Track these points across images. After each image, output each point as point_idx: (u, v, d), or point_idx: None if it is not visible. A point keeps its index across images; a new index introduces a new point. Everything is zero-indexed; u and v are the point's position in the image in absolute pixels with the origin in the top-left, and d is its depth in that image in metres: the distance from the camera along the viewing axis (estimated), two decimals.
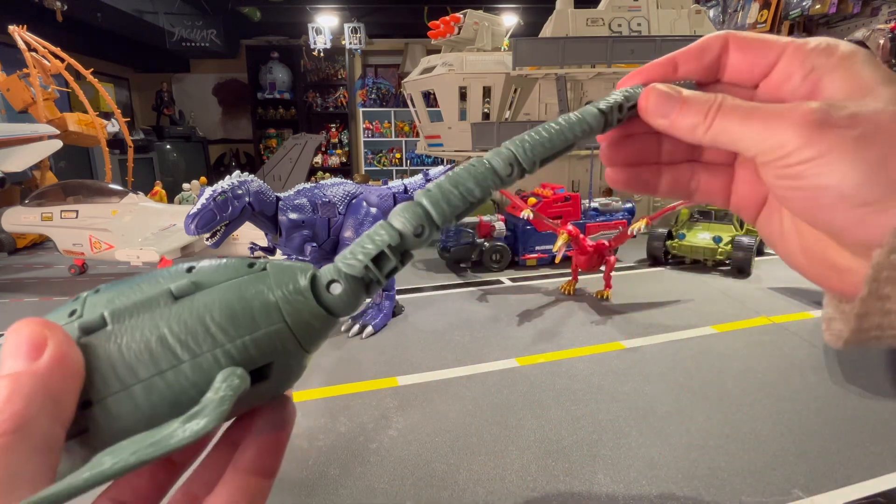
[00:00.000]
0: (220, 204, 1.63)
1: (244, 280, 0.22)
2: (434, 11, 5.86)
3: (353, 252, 0.23)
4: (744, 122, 0.23)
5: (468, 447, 1.25)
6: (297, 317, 0.22)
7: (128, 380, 0.20)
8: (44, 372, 0.18)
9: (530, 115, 3.74)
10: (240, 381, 0.20)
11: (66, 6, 4.33)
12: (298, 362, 0.23)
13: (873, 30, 3.74)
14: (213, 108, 7.81)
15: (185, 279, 0.21)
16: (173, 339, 0.20)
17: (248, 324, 0.21)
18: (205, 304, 0.21)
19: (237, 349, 0.20)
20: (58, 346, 0.19)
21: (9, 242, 3.41)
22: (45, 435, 0.18)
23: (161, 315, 0.20)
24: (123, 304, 0.21)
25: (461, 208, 0.24)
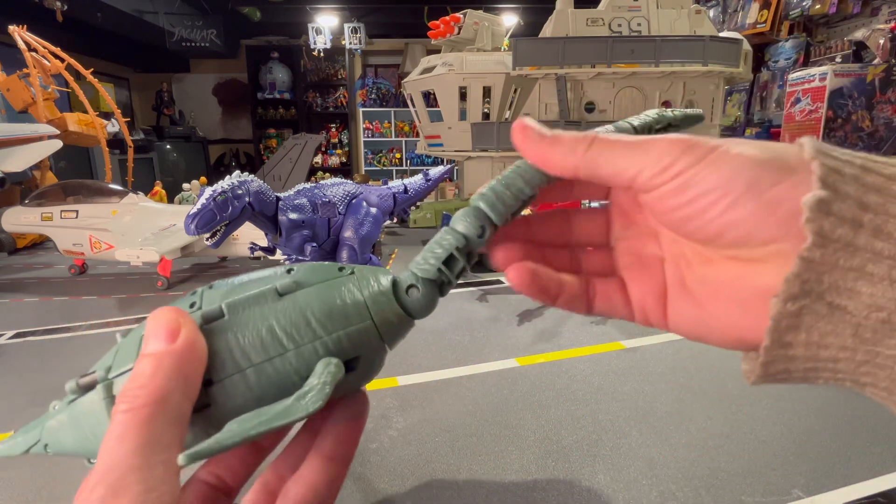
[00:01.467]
0: (220, 204, 1.62)
1: (336, 281, 0.25)
2: (434, 11, 5.86)
3: (425, 258, 0.26)
4: (621, 146, 0.23)
5: (468, 447, 1.25)
6: (381, 316, 0.25)
7: (242, 364, 0.23)
8: (179, 353, 0.21)
9: (530, 115, 3.74)
10: (336, 370, 0.23)
11: (66, 6, 4.33)
12: (380, 357, 0.26)
13: (873, 30, 3.74)
14: (213, 108, 7.81)
15: (287, 279, 0.25)
16: (280, 331, 0.23)
17: (342, 320, 0.24)
18: (306, 300, 0.24)
19: (333, 342, 0.24)
20: (189, 332, 0.22)
21: (9, 242, 3.41)
22: (178, 408, 0.21)
23: (269, 309, 0.24)
24: (237, 299, 0.24)
25: (515, 207, 0.26)
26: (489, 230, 0.26)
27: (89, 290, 2.59)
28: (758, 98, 5.03)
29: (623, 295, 0.28)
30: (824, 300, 0.20)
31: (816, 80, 3.59)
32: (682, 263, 0.26)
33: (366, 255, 1.97)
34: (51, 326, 2.10)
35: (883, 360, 0.20)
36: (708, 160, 0.21)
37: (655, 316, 0.27)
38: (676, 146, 0.22)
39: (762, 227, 0.21)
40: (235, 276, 0.26)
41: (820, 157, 0.20)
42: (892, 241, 0.19)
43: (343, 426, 0.26)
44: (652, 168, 0.22)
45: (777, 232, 0.20)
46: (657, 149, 0.22)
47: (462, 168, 4.01)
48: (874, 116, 3.57)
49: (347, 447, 0.26)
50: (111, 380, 0.23)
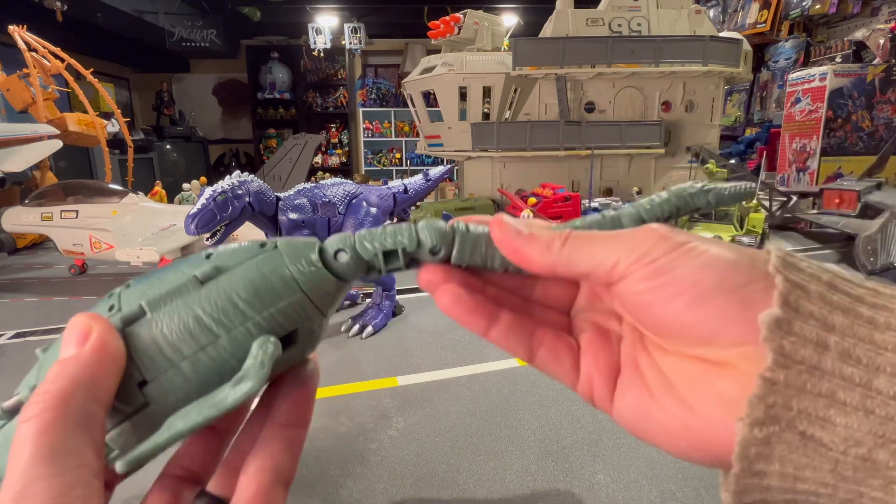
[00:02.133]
0: (220, 204, 1.63)
1: (260, 259, 0.24)
2: (434, 11, 5.86)
3: (371, 235, 0.25)
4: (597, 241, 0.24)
5: (468, 447, 1.25)
6: (312, 285, 0.24)
7: (174, 358, 0.23)
8: (85, 357, 0.21)
9: (530, 115, 3.75)
10: (273, 347, 0.23)
11: (66, 6, 4.33)
12: (319, 325, 0.26)
13: (873, 30, 3.74)
14: (213, 108, 7.81)
15: (206, 265, 0.24)
16: (208, 319, 0.23)
17: (271, 298, 0.23)
18: (230, 284, 0.24)
19: (265, 320, 0.23)
20: (99, 335, 0.22)
21: (9, 242, 3.41)
22: (84, 412, 0.20)
23: (192, 299, 0.23)
24: (156, 294, 0.23)
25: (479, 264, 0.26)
26: (443, 255, 0.25)
27: (89, 290, 2.59)
28: (758, 98, 5.03)
29: (572, 357, 0.27)
30: (796, 429, 0.18)
31: (816, 80, 3.59)
32: (639, 347, 0.24)
33: None
34: (51, 326, 2.09)
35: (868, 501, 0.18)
36: (684, 250, 0.21)
37: (600, 393, 0.25)
38: (652, 236, 0.22)
39: (730, 326, 0.19)
40: (154, 271, 0.25)
41: (785, 270, 0.19)
42: (861, 366, 0.18)
43: (294, 392, 0.26)
44: (627, 257, 0.22)
45: (745, 335, 0.19)
46: (633, 239, 0.23)
47: (462, 168, 4.01)
48: (874, 116, 3.57)
49: (301, 411, 0.26)
50: None
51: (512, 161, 3.68)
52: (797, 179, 3.79)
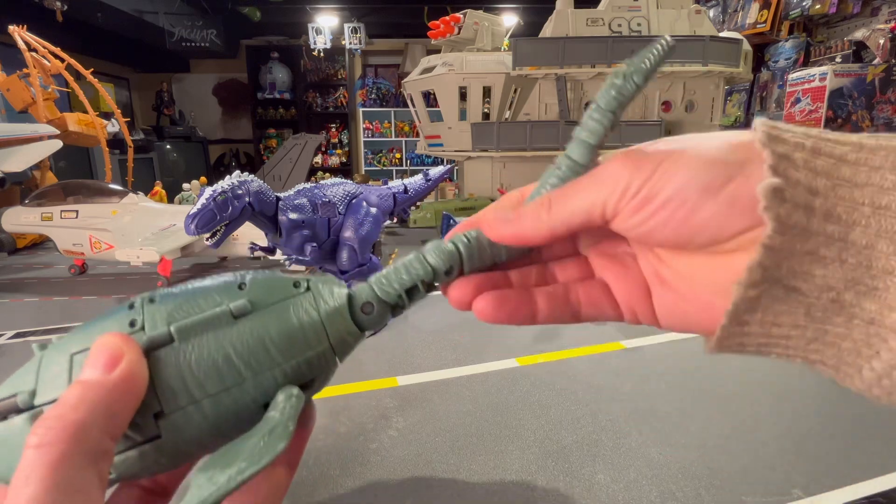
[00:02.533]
0: (220, 204, 1.62)
1: (294, 302, 0.24)
2: (434, 11, 5.86)
3: (388, 279, 0.26)
4: (576, 191, 0.24)
5: (468, 447, 1.25)
6: (337, 336, 0.25)
7: (197, 395, 0.22)
8: (112, 386, 0.20)
9: (530, 115, 3.75)
10: (297, 402, 0.23)
11: (66, 6, 4.33)
12: (331, 372, 0.26)
13: (873, 30, 3.74)
14: (213, 108, 7.81)
15: (241, 298, 0.24)
16: (237, 359, 0.22)
17: (301, 347, 0.24)
18: (263, 326, 0.23)
19: (292, 368, 0.23)
20: (130, 364, 0.21)
21: (9, 242, 3.41)
22: (96, 445, 0.19)
23: (224, 335, 0.23)
24: (187, 322, 0.23)
25: (486, 265, 0.27)
26: (456, 272, 0.26)
27: (89, 290, 2.59)
28: (758, 98, 5.03)
29: (609, 297, 0.27)
30: (781, 284, 0.20)
31: (816, 80, 3.59)
32: (654, 259, 0.26)
33: (366, 255, 1.97)
34: (51, 326, 2.09)
35: (831, 337, 0.21)
36: (660, 171, 0.21)
37: (644, 313, 0.27)
38: (626, 167, 0.22)
39: (726, 224, 0.21)
40: (178, 286, 0.25)
41: (771, 143, 0.20)
42: (840, 223, 0.20)
43: None
44: (612, 196, 0.23)
45: (743, 224, 0.21)
46: (609, 176, 0.23)
47: (462, 168, 4.01)
48: (874, 116, 3.57)
49: (293, 453, 0.26)
50: (40, 408, 0.21)
51: (512, 161, 3.68)
52: None
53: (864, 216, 0.19)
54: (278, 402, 0.22)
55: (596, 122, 0.24)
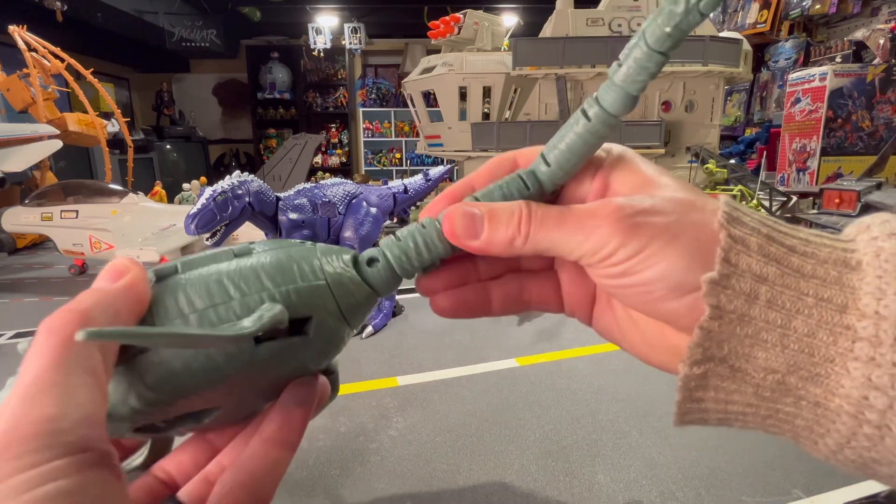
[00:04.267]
0: (220, 204, 1.62)
1: (295, 247, 0.26)
2: (434, 11, 5.86)
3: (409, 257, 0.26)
4: (560, 227, 0.24)
5: (468, 447, 1.25)
6: (337, 279, 0.25)
7: (185, 310, 0.23)
8: (115, 291, 0.22)
9: (530, 115, 3.75)
10: (279, 313, 0.22)
11: (66, 6, 4.33)
12: (337, 328, 0.25)
13: (873, 30, 3.74)
14: (213, 108, 7.81)
15: (246, 246, 0.26)
16: (228, 281, 0.23)
17: (293, 277, 0.24)
18: (259, 259, 0.24)
19: (281, 294, 0.23)
20: (133, 276, 0.23)
21: (9, 242, 3.41)
22: None
23: (223, 265, 0.24)
24: (192, 258, 0.25)
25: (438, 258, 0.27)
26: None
27: None
28: (758, 98, 5.03)
29: (557, 295, 0.30)
30: (727, 363, 0.22)
31: (816, 80, 3.59)
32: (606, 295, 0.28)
33: None
34: None
35: (784, 415, 0.22)
36: (645, 254, 0.22)
37: (581, 316, 0.30)
38: (616, 232, 0.22)
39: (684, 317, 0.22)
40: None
41: (729, 226, 0.22)
42: (783, 311, 0.21)
43: (289, 409, 0.25)
44: (592, 255, 0.23)
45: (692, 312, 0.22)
46: (598, 235, 0.23)
47: (462, 168, 4.01)
48: (874, 116, 3.57)
49: (292, 433, 0.25)
50: None
51: None
52: (797, 179, 3.79)
53: (808, 306, 0.21)
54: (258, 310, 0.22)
55: (639, 65, 0.21)
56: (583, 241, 0.23)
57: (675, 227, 0.22)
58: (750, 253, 0.21)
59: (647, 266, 0.22)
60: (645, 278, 0.22)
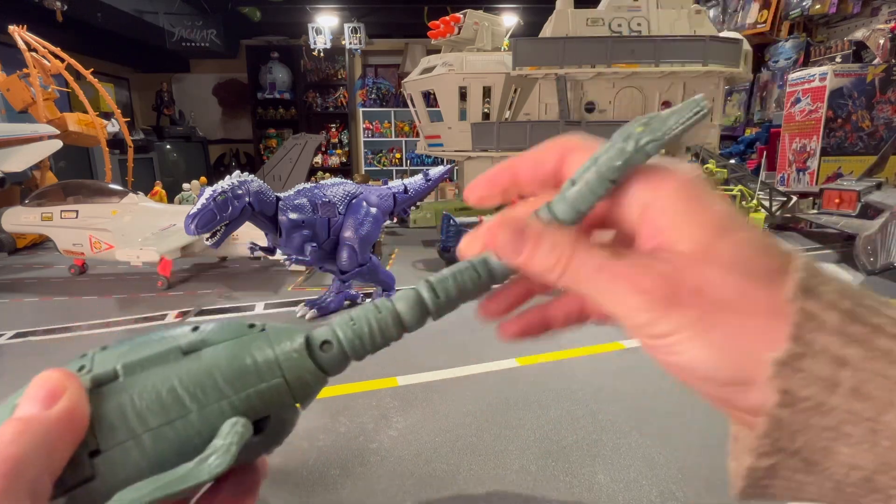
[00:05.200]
0: (220, 204, 1.63)
1: (246, 338, 0.24)
2: (434, 11, 5.86)
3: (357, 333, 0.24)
4: (595, 278, 0.22)
5: (468, 447, 1.25)
6: (293, 372, 0.23)
7: (137, 429, 0.21)
8: (51, 422, 0.19)
9: (530, 115, 3.75)
10: (244, 430, 0.21)
11: (66, 6, 4.33)
12: (290, 417, 0.24)
13: (873, 30, 3.74)
14: (213, 108, 7.82)
15: (193, 336, 0.23)
16: (182, 391, 0.21)
17: (251, 378, 0.22)
18: (212, 358, 0.22)
19: (241, 401, 0.22)
20: (71, 400, 0.20)
21: (9, 242, 3.41)
22: (34, 482, 0.18)
23: (171, 369, 0.22)
24: (135, 359, 0.22)
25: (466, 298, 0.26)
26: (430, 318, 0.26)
27: (89, 290, 2.59)
28: (758, 98, 5.03)
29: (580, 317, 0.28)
30: (800, 456, 0.19)
31: (816, 80, 3.59)
32: None
33: (366, 254, 1.97)
34: (51, 326, 2.09)
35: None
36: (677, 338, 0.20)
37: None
38: (653, 307, 0.20)
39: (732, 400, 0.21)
40: (135, 338, 0.24)
41: (804, 299, 0.19)
42: (872, 401, 0.18)
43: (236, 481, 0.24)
44: (622, 318, 0.22)
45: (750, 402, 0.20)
46: (632, 302, 0.21)
47: (462, 168, 4.01)
48: (874, 116, 3.57)
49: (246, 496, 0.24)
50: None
51: None
52: (797, 179, 3.79)
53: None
54: (223, 430, 0.21)
55: (590, 188, 0.22)
56: (615, 302, 0.22)
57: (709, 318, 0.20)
58: (827, 331, 0.18)
59: (676, 350, 0.21)
60: (675, 361, 0.21)
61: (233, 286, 2.61)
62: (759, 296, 0.20)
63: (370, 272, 2.00)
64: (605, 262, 0.22)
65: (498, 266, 0.25)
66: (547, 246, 0.23)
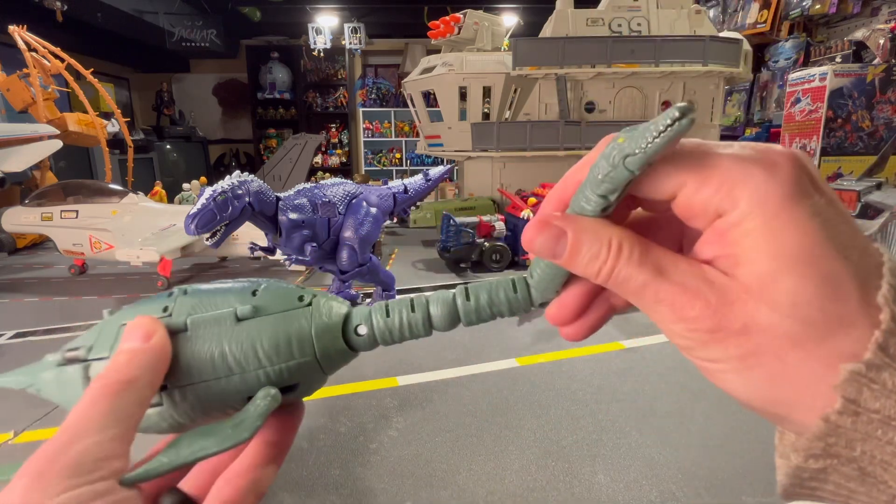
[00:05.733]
0: (220, 204, 1.62)
1: (291, 314, 0.28)
2: (434, 11, 5.86)
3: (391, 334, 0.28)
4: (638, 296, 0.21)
5: (468, 447, 1.25)
6: (324, 351, 0.28)
7: (195, 378, 0.26)
8: (151, 351, 0.25)
9: (530, 115, 3.75)
10: (273, 402, 0.26)
11: (66, 6, 4.33)
12: (319, 381, 0.29)
13: (873, 30, 3.74)
14: (213, 108, 7.82)
15: (249, 304, 0.28)
16: (230, 356, 0.26)
17: (286, 354, 0.27)
18: (257, 331, 0.27)
19: (275, 372, 0.27)
20: (161, 337, 0.26)
21: (9, 242, 3.41)
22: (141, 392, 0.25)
23: (225, 332, 0.27)
24: (199, 317, 0.27)
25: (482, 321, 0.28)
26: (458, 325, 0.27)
27: (89, 290, 2.59)
28: (758, 98, 5.03)
29: None
30: (856, 465, 0.19)
31: (816, 80, 3.59)
32: None
33: (366, 254, 1.97)
34: (51, 326, 2.09)
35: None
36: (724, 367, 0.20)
37: None
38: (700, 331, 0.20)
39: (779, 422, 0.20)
40: (208, 284, 0.29)
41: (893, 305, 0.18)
42: None
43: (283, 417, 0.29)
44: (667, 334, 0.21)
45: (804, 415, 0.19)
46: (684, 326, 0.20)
47: (462, 168, 4.01)
48: (874, 116, 3.57)
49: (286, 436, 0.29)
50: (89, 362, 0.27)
51: (512, 161, 3.68)
52: None
53: None
54: (257, 398, 0.26)
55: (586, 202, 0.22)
56: (659, 321, 0.21)
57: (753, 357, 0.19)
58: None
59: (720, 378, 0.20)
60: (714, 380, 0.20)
61: None
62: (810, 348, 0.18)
63: (370, 272, 2.00)
64: (650, 281, 0.21)
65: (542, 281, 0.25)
66: (587, 255, 0.22)
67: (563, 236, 0.22)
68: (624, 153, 0.20)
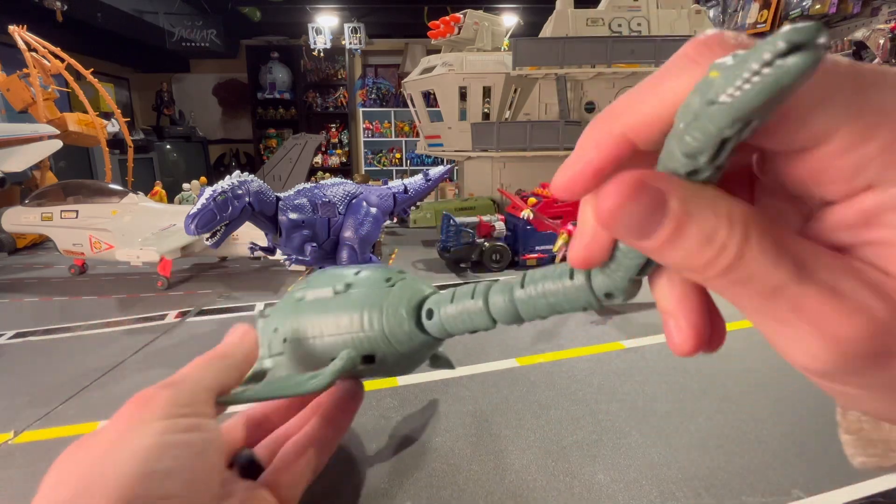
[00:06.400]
0: (220, 204, 1.63)
1: (374, 292, 0.34)
2: (434, 11, 5.86)
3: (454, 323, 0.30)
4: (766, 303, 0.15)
5: (468, 447, 1.25)
6: (391, 329, 0.32)
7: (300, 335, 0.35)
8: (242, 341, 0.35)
9: (530, 115, 3.75)
10: (347, 361, 0.32)
11: (66, 6, 4.33)
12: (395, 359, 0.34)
13: (873, 30, 3.74)
14: (213, 108, 7.81)
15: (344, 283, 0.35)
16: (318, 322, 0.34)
17: (357, 325, 0.33)
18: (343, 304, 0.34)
19: (354, 339, 0.33)
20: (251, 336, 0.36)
21: (9, 242, 3.41)
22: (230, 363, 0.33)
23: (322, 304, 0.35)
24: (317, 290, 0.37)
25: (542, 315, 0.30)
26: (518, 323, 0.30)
27: (89, 290, 2.59)
28: None
29: None
30: None
31: None
32: None
33: (366, 255, 1.97)
34: (51, 326, 2.09)
35: None
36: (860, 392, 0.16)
37: None
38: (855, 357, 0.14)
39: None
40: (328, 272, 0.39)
41: None
42: None
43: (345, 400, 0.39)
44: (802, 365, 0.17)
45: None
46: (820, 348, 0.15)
47: (462, 168, 4.01)
48: None
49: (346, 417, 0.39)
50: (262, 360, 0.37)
51: (512, 161, 3.68)
52: None
53: None
54: (340, 355, 0.32)
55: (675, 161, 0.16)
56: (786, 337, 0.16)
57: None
58: None
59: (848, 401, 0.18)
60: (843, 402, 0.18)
61: (233, 286, 2.60)
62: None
63: None
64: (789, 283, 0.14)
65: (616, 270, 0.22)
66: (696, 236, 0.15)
67: (662, 206, 0.15)
68: (707, 97, 0.13)
